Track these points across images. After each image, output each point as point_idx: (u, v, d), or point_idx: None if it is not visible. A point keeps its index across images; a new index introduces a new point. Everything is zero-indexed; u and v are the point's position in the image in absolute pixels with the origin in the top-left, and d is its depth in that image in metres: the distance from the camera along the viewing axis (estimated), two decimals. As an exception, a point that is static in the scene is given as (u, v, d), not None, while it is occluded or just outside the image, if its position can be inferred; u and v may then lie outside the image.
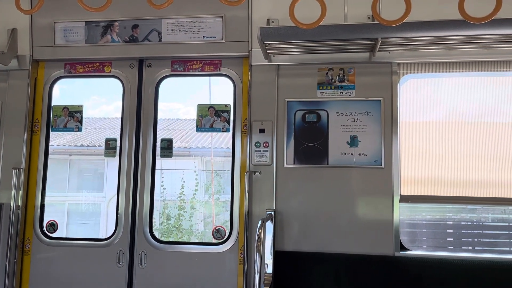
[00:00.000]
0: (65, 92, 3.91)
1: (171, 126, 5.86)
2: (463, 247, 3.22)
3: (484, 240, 3.21)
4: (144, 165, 3.49)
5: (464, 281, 2.92)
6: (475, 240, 3.22)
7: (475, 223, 3.22)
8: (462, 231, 3.24)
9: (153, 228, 3.46)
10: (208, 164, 6.15)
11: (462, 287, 2.92)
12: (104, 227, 5.53)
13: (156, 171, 3.51)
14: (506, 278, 2.90)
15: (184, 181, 5.38)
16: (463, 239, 3.26)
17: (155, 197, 3.51)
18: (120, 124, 3.59)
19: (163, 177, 4.63)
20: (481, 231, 3.24)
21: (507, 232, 3.24)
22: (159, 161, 3.56)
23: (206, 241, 5.14)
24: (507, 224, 3.24)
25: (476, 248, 3.20)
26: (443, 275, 2.95)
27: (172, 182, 5.33)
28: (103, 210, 5.51)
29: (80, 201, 5.69)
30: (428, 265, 2.98)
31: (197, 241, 5.37)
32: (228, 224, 3.37)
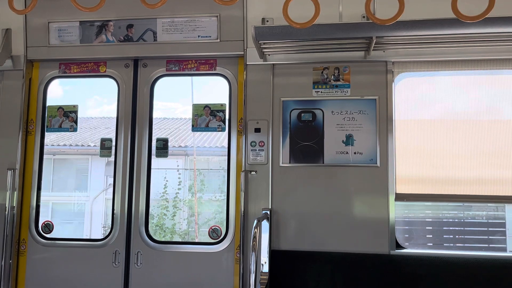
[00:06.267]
0: (60, 92, 3.92)
1: (165, 125, 5.85)
2: (457, 244, 3.24)
3: (479, 237, 3.23)
4: (139, 165, 3.48)
5: (460, 279, 2.93)
6: (469, 237, 3.24)
7: (469, 221, 3.24)
8: (456, 228, 3.25)
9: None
10: (205, 163, 6.15)
11: (457, 284, 2.93)
12: (88, 226, 5.51)
13: (151, 170, 3.50)
14: (500, 276, 2.91)
15: (167, 180, 5.40)
16: (457, 236, 3.27)
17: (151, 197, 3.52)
18: (115, 124, 3.58)
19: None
20: (478, 229, 3.26)
21: (501, 229, 3.26)
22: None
23: (189, 240, 5.16)
24: (498, 221, 3.25)
25: (469, 245, 3.22)
26: (439, 273, 2.96)
27: (157, 182, 5.36)
28: (87, 210, 5.50)
29: (64, 200, 5.66)
30: (424, 263, 2.99)
31: (190, 240, 5.39)
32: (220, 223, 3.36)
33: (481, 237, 3.25)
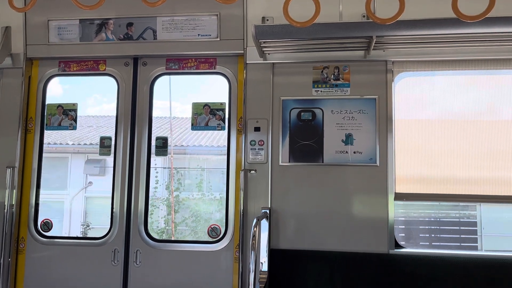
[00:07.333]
0: (59, 90, 3.91)
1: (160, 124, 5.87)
2: (456, 244, 3.25)
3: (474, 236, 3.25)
4: (139, 163, 3.48)
5: (458, 278, 2.94)
6: (468, 237, 3.26)
7: (467, 220, 3.25)
8: (455, 228, 3.26)
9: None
10: (184, 162, 6.17)
11: (456, 284, 2.94)
12: (67, 224, 5.49)
13: (151, 169, 3.50)
14: (499, 275, 2.91)
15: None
16: (456, 236, 3.28)
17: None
18: (115, 122, 3.57)
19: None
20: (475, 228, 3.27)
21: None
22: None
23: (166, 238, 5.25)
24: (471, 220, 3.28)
25: (467, 244, 3.23)
26: (438, 272, 2.97)
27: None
28: (66, 208, 5.48)
29: (44, 199, 5.66)
30: (423, 263, 3.00)
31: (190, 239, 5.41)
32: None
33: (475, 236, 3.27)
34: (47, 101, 3.66)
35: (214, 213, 5.38)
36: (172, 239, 5.21)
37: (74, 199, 5.73)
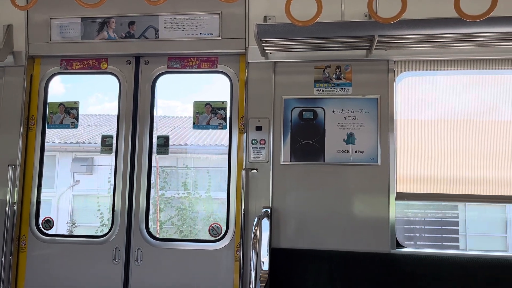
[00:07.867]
0: (61, 88, 3.92)
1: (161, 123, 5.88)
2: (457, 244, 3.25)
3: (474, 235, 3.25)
4: (140, 162, 3.48)
5: (459, 278, 2.93)
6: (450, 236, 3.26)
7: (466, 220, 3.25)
8: (456, 227, 3.26)
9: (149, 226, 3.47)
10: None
11: (456, 284, 2.93)
12: (55, 222, 5.52)
13: (152, 168, 3.51)
14: (499, 275, 2.91)
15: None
16: (456, 236, 3.28)
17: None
18: (116, 121, 3.57)
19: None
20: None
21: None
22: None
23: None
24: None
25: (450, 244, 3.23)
26: (439, 272, 2.96)
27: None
28: (53, 206, 5.48)
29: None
30: (424, 262, 2.99)
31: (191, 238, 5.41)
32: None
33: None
34: (49, 99, 3.66)
35: (201, 212, 5.37)
36: (157, 237, 5.23)
37: (61, 197, 5.73)
